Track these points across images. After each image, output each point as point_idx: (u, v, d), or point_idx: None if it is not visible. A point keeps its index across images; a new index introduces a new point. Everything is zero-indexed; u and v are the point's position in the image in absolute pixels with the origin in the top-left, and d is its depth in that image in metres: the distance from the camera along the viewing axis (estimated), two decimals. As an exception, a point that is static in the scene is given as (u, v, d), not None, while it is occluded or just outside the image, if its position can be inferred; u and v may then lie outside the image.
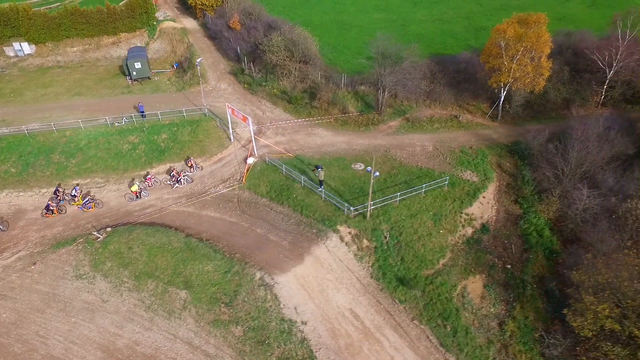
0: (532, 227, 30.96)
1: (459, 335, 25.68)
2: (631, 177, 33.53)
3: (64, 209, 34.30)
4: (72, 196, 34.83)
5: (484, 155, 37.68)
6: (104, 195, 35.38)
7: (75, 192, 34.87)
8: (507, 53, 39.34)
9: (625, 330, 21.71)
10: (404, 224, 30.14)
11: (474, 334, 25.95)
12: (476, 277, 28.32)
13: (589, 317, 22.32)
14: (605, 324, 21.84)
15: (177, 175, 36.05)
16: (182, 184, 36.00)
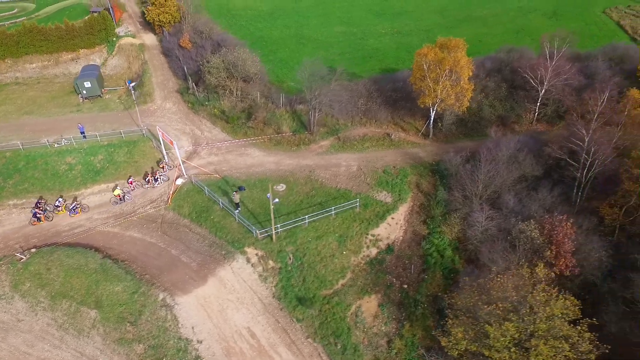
0: (434, 247, 32.92)
1: (348, 353, 27.67)
2: (535, 197, 35.49)
3: (50, 217, 36.66)
4: (56, 206, 37.40)
5: (405, 175, 39.63)
6: (37, 215, 37.36)
7: (59, 203, 37.19)
8: (430, 76, 41.23)
9: (485, 351, 23.60)
10: (309, 246, 32.13)
11: (362, 352, 27.94)
12: (372, 296, 30.29)
13: (452, 338, 24.23)
14: (464, 345, 23.73)
15: (154, 175, 39.15)
16: (159, 182, 39.06)
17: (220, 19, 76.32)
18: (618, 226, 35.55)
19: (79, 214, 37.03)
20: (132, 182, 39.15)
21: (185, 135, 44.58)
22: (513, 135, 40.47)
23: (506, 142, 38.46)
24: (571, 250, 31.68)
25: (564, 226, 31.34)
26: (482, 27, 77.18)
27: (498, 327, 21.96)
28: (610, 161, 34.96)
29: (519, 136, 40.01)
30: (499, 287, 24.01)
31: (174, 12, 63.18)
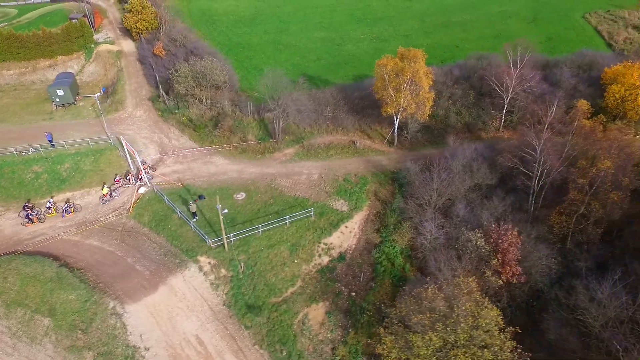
0: (384, 255, 33.76)
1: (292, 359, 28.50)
2: (488, 206, 36.32)
3: (43, 218, 37.81)
4: (47, 208, 38.34)
5: (365, 183, 40.48)
6: (1, 223, 38.20)
7: (50, 204, 38.38)
8: (391, 85, 42.06)
9: (414, 359, 24.42)
10: (261, 254, 33.00)
11: (306, 358, 28.83)
12: (319, 304, 31.14)
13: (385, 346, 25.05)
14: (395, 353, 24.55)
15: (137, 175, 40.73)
16: (143, 181, 40.31)
17: (200, 24, 77.35)
18: (570, 234, 36.41)
19: (72, 214, 38.19)
20: (118, 180, 40.46)
21: (152, 143, 45.44)
22: (471, 143, 41.20)
23: (462, 151, 39.31)
24: (517, 258, 32.58)
25: (509, 235, 32.20)
26: (461, 32, 78.00)
27: (422, 337, 22.80)
28: (559, 171, 35.83)
29: (475, 144, 40.74)
30: (431, 297, 24.82)
31: (151, 19, 64.02)
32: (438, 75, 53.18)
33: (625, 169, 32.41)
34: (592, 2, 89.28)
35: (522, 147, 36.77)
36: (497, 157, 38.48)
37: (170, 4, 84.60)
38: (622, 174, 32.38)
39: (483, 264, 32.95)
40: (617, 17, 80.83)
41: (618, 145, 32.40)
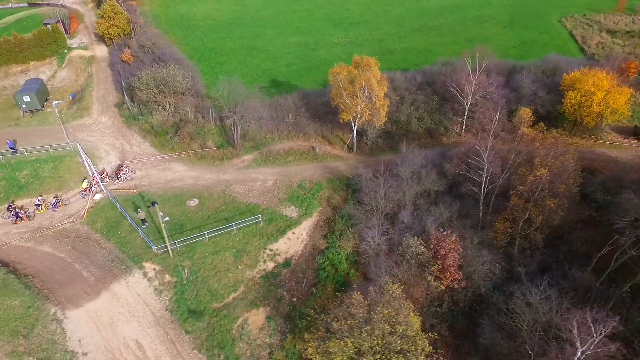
0: (328, 261, 34.53)
1: (229, 364, 29.28)
2: (434, 212, 37.09)
3: (32, 216, 39.32)
4: (37, 205, 39.91)
5: (319, 189, 41.28)
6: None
7: (39, 202, 39.88)
8: (345, 93, 42.83)
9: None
10: (205, 261, 33.81)
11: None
12: (260, 309, 31.90)
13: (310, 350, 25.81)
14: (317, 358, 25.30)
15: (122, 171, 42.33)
16: (121, 180, 42.05)
17: (177, 29, 78.23)
18: (518, 239, 37.16)
19: (60, 207, 39.75)
20: (95, 177, 41.81)
21: (114, 149, 46.26)
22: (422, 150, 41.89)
23: (413, 158, 40.09)
24: (457, 264, 33.39)
25: (448, 241, 33.00)
26: (436, 36, 78.81)
27: (338, 343, 23.57)
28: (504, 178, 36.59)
29: (425, 151, 41.47)
30: (356, 303, 25.59)
31: (123, 25, 64.92)
32: (401, 81, 54.24)
33: (561, 176, 33.15)
34: (570, 6, 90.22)
35: (469, 154, 37.54)
36: (444, 163, 39.19)
37: (149, 9, 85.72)
38: (558, 181, 33.14)
39: (424, 270, 33.85)
40: (592, 22, 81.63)
41: (554, 153, 33.15)
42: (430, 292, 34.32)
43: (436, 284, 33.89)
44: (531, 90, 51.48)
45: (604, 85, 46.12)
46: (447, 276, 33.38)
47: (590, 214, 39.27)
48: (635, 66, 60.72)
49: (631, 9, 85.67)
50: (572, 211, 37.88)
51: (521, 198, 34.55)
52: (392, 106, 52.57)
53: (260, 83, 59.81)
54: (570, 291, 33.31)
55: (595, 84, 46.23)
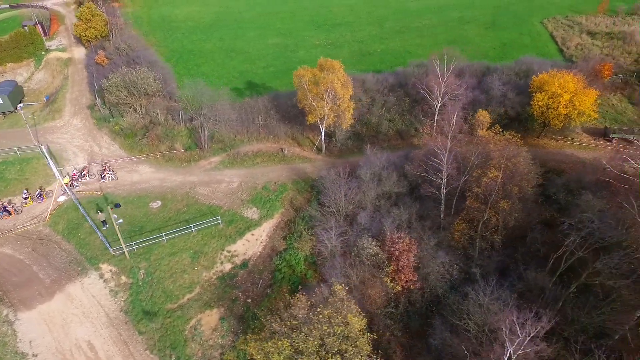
0: (284, 262, 34.92)
1: (180, 364, 29.66)
2: (394, 213, 37.47)
3: (20, 210, 40.29)
4: (24, 199, 40.65)
5: (283, 190, 41.68)
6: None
7: (25, 195, 40.86)
8: (309, 95, 43.24)
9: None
10: (162, 262, 34.21)
11: (194, 363, 29.91)
12: (214, 310, 32.28)
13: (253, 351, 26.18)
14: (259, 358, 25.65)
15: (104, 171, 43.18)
16: (106, 180, 42.84)
17: (157, 31, 78.63)
18: (478, 240, 37.56)
19: (44, 199, 40.84)
20: (75, 174, 42.94)
21: (83, 152, 46.66)
22: (385, 152, 42.33)
23: (375, 160, 40.50)
24: (411, 265, 33.81)
25: (402, 243, 33.43)
26: (417, 38, 79.29)
27: (274, 343, 23.97)
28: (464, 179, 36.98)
29: (387, 153, 41.87)
30: (298, 304, 25.99)
31: (101, 27, 65.32)
32: (372, 83, 54.74)
33: (513, 178, 33.57)
34: (553, 7, 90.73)
35: (428, 156, 37.94)
36: (404, 165, 39.60)
37: (131, 10, 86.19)
38: (511, 183, 33.54)
39: (379, 271, 34.27)
40: (574, 23, 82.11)
41: (506, 155, 33.56)
42: (387, 293, 34.84)
43: (392, 285, 34.36)
44: (501, 92, 51.96)
45: (570, 87, 46.55)
46: (402, 277, 33.85)
47: (552, 215, 39.76)
48: (610, 68, 61.30)
49: (613, 10, 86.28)
50: (534, 212, 38.40)
51: (477, 200, 34.99)
52: (362, 108, 53.20)
53: (233, 85, 60.38)
54: (526, 292, 34.00)
55: (561, 86, 46.67)
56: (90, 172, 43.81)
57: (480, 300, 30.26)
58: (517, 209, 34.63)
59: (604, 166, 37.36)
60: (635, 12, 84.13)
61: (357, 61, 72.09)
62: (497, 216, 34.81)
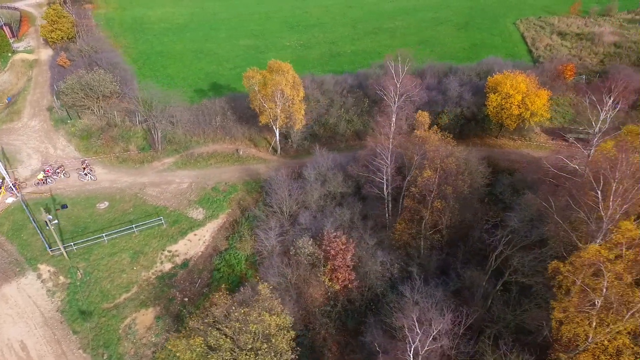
0: (224, 262, 35.55)
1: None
2: (335, 213, 38.11)
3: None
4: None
5: (233, 191, 42.33)
6: None
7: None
8: (259, 96, 43.91)
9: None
10: (101, 262, 34.80)
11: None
12: (149, 309, 32.86)
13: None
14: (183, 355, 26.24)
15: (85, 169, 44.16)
16: (86, 179, 43.58)
17: (128, 33, 79.31)
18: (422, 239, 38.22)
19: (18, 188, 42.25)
20: (48, 170, 43.81)
21: (37, 153, 47.20)
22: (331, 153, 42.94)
23: (322, 160, 41.17)
24: (348, 264, 34.43)
25: (338, 242, 34.04)
26: (388, 39, 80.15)
27: (187, 340, 24.59)
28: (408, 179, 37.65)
29: (333, 154, 42.49)
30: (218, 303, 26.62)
31: (67, 29, 65.97)
32: (331, 84, 55.43)
33: (447, 178, 34.26)
34: (527, 8, 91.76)
35: (371, 157, 38.60)
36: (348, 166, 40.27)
37: (104, 12, 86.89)
38: (445, 183, 34.23)
39: (316, 270, 34.91)
40: (546, 24, 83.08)
41: (440, 155, 34.26)
42: (326, 292, 35.50)
43: (331, 284, 35.02)
44: (457, 93, 52.67)
45: (521, 88, 47.34)
46: (339, 276, 34.46)
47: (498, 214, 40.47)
48: (572, 68, 62.18)
49: (586, 11, 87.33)
50: (480, 211, 39.11)
51: (414, 199, 35.68)
52: (321, 109, 53.92)
53: (198, 86, 61.10)
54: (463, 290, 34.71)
55: (513, 87, 47.47)
56: (65, 171, 44.34)
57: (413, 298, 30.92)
58: (454, 209, 35.32)
59: (545, 165, 38.14)
60: (607, 13, 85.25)
61: (326, 62, 72.98)
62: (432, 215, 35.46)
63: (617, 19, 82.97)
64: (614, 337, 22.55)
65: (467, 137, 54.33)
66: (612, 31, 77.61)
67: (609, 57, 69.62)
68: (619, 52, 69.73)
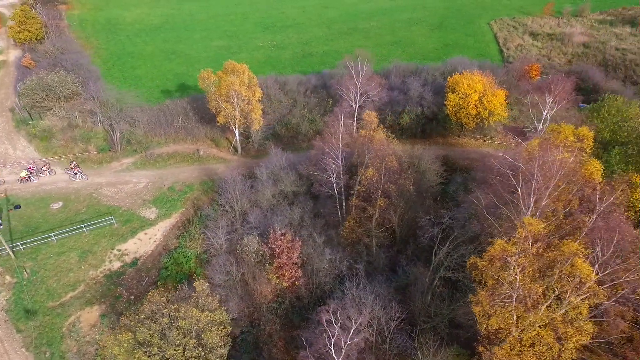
0: (172, 260, 36.20)
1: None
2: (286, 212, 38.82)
3: None
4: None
5: (189, 191, 43.02)
6: None
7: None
8: (214, 97, 44.60)
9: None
10: (49, 261, 35.37)
11: (69, 359, 31.01)
12: (94, 307, 33.47)
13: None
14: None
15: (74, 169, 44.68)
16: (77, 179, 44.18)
17: (100, 33, 79.76)
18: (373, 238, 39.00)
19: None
20: (31, 168, 44.79)
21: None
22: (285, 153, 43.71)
23: (276, 159, 41.92)
24: (293, 262, 35.15)
25: (283, 240, 34.75)
26: (362, 39, 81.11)
27: (115, 336, 25.28)
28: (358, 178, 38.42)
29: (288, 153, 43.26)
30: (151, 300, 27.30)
31: (36, 29, 66.33)
32: (294, 85, 56.23)
33: (390, 177, 35.06)
34: (502, 9, 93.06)
35: (320, 156, 39.36)
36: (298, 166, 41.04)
37: (78, 13, 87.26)
38: (389, 181, 35.04)
39: (263, 268, 35.64)
40: (519, 24, 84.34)
41: (381, 155, 35.07)
42: (275, 289, 36.25)
43: (278, 281, 35.75)
44: (418, 93, 53.58)
45: (478, 88, 48.31)
46: (285, 274, 35.18)
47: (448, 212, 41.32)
48: (537, 68, 63.39)
49: (559, 12, 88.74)
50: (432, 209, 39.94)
51: (360, 198, 36.49)
52: (283, 109, 54.73)
53: (165, 87, 61.70)
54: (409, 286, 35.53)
55: (470, 87, 48.43)
56: (50, 169, 45.00)
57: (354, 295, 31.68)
58: (399, 207, 36.14)
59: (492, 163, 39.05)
60: (580, 14, 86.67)
61: (297, 62, 73.82)
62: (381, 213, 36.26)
63: (589, 20, 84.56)
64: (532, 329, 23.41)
65: (429, 136, 55.40)
66: (582, 32, 79.08)
67: (577, 57, 71.04)
68: (587, 53, 71.14)
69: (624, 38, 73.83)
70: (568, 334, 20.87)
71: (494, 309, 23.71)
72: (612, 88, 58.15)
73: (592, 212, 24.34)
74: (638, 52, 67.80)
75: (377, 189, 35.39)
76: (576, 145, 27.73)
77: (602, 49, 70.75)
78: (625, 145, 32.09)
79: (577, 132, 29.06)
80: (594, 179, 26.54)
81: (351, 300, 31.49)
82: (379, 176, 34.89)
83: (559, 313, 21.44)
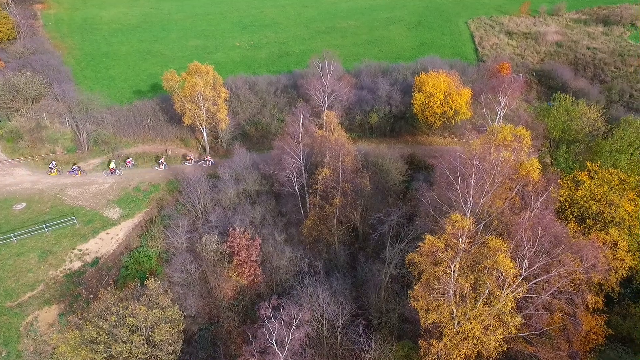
0: (132, 259, 36.90)
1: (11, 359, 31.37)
2: (247, 210, 39.60)
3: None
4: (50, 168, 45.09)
5: (154, 191, 43.69)
6: None
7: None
8: (179, 98, 45.26)
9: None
10: (8, 262, 35.97)
11: (25, 358, 31.63)
12: (53, 307, 34.09)
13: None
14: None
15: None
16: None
17: (76, 34, 79.86)
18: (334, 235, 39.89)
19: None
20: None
21: None
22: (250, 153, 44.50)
23: (239, 159, 42.69)
24: (252, 260, 35.94)
25: (241, 238, 35.55)
26: (339, 38, 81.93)
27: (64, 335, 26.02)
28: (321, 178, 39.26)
29: (251, 154, 44.03)
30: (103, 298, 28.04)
31: (7, 29, 66.52)
32: (263, 85, 56.98)
33: (345, 175, 35.97)
34: (481, 8, 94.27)
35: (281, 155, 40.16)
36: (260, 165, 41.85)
37: (54, 12, 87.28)
38: (345, 180, 35.95)
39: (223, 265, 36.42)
40: (496, 23, 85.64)
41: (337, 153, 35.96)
42: (236, 287, 37.05)
43: (238, 279, 36.55)
44: (387, 92, 54.48)
45: (443, 87, 49.38)
46: (245, 271, 35.98)
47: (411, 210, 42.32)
48: (508, 67, 64.53)
49: (535, 11, 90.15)
50: (395, 207, 40.87)
51: (315, 196, 37.37)
52: (253, 109, 55.47)
53: (137, 87, 62.18)
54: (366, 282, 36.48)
55: (435, 86, 49.48)
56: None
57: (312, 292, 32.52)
58: (357, 205, 37.09)
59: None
60: (556, 13, 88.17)
61: (273, 62, 74.49)
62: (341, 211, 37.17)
63: (565, 19, 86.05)
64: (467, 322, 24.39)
65: (399, 134, 56.42)
66: (556, 30, 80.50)
67: (550, 55, 72.38)
68: (559, 51, 72.52)
69: (595, 37, 75.31)
70: (493, 326, 21.85)
71: (433, 304, 24.68)
72: (579, 87, 59.60)
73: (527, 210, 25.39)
74: (608, 51, 69.24)
75: (334, 187, 36.37)
76: (514, 145, 28.79)
77: (574, 47, 72.16)
78: (572, 144, 33.16)
79: (515, 132, 30.11)
80: (533, 178, 27.57)
81: (307, 297, 32.63)
82: (335, 175, 35.82)
83: (481, 305, 22.42)
